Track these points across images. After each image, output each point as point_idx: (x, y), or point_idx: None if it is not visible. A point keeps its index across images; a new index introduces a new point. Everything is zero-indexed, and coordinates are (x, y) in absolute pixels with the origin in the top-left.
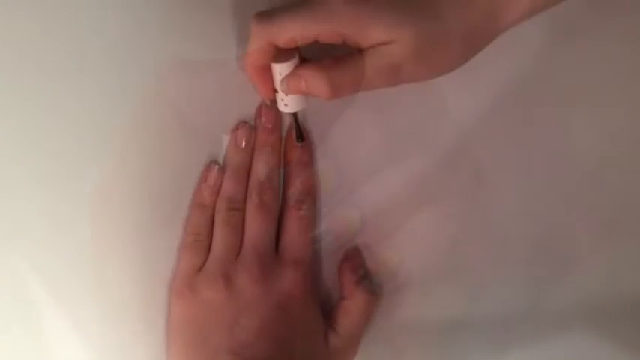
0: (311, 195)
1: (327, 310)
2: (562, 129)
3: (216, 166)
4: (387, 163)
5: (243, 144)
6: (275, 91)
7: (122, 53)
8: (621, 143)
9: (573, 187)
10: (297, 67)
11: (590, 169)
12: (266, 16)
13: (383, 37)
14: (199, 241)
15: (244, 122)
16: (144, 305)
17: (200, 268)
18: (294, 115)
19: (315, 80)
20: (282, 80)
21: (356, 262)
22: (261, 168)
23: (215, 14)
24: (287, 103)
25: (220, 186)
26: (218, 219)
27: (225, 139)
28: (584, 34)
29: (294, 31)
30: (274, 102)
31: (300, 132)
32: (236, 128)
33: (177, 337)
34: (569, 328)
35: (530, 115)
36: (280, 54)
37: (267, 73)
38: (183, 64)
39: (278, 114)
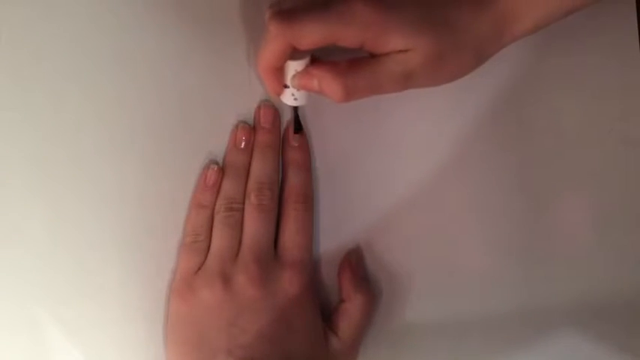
0: (309, 195)
1: (327, 312)
2: (556, 132)
3: (215, 167)
4: (386, 165)
5: (243, 144)
6: (285, 86)
7: (123, 53)
8: (613, 143)
9: (569, 188)
10: (311, 66)
11: (585, 171)
12: (287, 17)
13: (401, 45)
14: (198, 241)
15: (244, 122)
16: (144, 305)
17: (199, 269)
18: (295, 107)
19: (329, 83)
20: (294, 77)
21: (356, 264)
22: (259, 168)
23: (217, 15)
24: (297, 98)
25: (219, 186)
26: (217, 219)
27: (225, 140)
28: (575, 47)
29: (316, 34)
30: (269, 106)
31: (299, 124)
32: (235, 128)
33: (175, 337)
34: (568, 327)
35: (525, 118)
36: (295, 51)
37: (280, 71)
38: (184, 65)
39: (277, 114)
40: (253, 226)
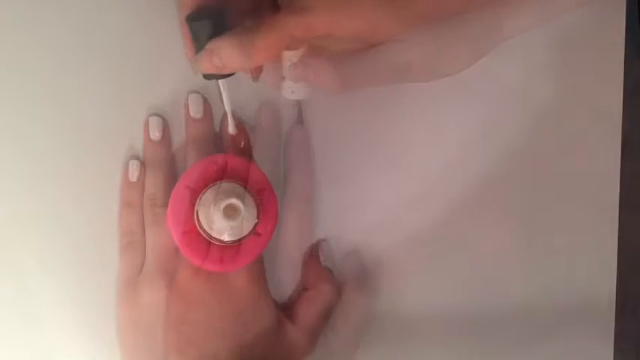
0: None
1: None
2: (558, 130)
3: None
4: (387, 165)
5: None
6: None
7: (123, 52)
8: (615, 142)
9: (570, 187)
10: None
11: (586, 170)
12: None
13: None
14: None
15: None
16: None
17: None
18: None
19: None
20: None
21: (320, 253)
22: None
23: None
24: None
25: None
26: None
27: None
28: (575, 44)
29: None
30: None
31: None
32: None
33: (125, 342)
34: (569, 327)
35: (526, 116)
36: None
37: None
38: (185, 63)
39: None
40: None
